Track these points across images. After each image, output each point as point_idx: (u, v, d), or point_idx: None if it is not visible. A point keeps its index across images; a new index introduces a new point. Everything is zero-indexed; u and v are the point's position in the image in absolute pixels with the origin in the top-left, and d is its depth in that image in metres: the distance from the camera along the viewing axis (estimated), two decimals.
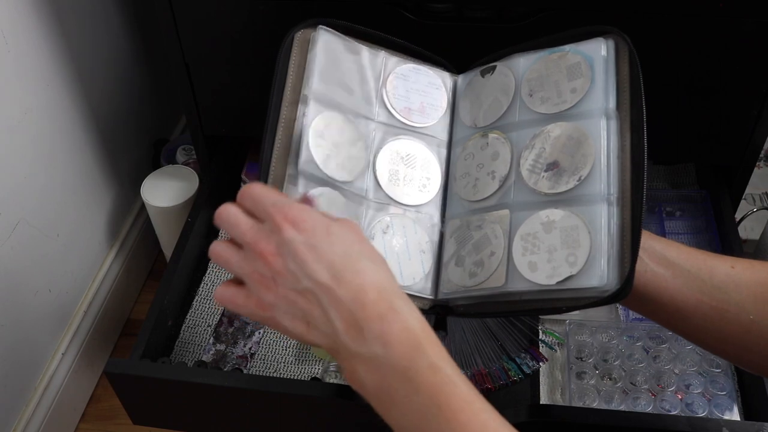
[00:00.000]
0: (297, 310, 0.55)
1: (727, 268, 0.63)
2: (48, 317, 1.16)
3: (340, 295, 0.53)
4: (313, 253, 0.54)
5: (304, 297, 0.55)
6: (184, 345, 1.01)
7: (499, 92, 0.74)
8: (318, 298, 0.54)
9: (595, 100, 0.67)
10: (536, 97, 0.71)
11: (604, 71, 0.67)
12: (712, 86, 0.94)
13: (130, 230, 1.37)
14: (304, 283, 0.54)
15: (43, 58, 1.09)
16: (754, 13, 0.87)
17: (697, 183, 1.18)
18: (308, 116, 0.70)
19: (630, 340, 0.97)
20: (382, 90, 0.76)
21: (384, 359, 0.52)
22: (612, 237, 0.63)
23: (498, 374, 0.92)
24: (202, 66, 1.03)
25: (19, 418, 1.11)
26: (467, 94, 0.78)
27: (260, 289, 0.56)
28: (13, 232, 1.05)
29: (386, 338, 0.52)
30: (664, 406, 0.90)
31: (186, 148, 1.36)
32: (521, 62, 0.74)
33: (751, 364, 0.66)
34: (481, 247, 0.69)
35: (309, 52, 0.73)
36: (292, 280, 0.55)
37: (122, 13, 1.29)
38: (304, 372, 0.98)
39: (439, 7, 0.92)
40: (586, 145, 0.65)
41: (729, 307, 0.62)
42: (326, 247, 0.54)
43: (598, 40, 0.69)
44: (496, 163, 0.71)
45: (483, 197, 0.71)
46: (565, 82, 0.69)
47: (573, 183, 0.65)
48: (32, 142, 1.08)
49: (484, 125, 0.74)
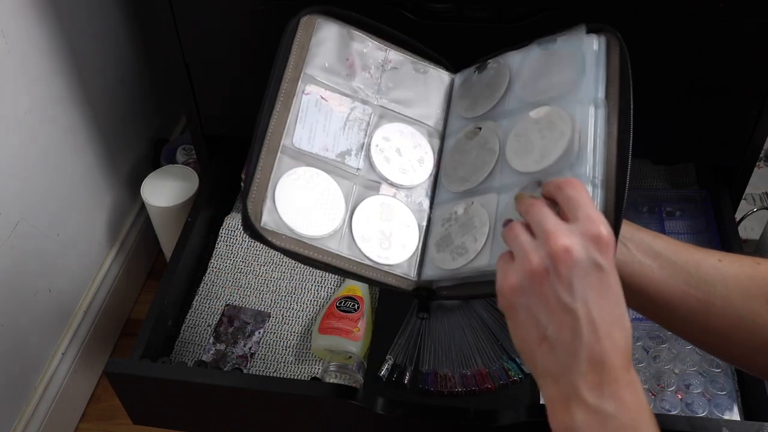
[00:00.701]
0: (543, 317, 0.53)
1: (714, 262, 0.63)
2: (48, 317, 1.16)
3: (603, 343, 0.52)
4: (601, 287, 0.53)
5: (565, 313, 0.52)
6: (184, 345, 1.01)
7: (493, 85, 0.76)
8: (578, 326, 0.52)
9: (585, 90, 0.68)
10: (528, 88, 0.72)
11: (595, 64, 0.69)
12: (712, 86, 0.94)
13: (130, 230, 1.37)
14: (577, 305, 0.52)
15: (43, 58, 1.09)
16: (754, 13, 0.87)
17: (697, 183, 1.18)
18: (305, 95, 0.73)
19: None
20: (381, 79, 0.77)
21: (611, 417, 0.51)
22: None
23: (498, 374, 0.92)
24: (202, 66, 1.04)
25: (19, 418, 1.11)
26: (461, 90, 0.80)
27: (525, 272, 0.54)
28: (13, 232, 1.05)
29: (622, 402, 0.51)
30: (664, 406, 0.90)
31: (186, 148, 1.36)
32: (516, 58, 0.76)
33: (736, 358, 0.66)
34: (466, 230, 0.70)
35: (313, 36, 0.75)
36: (564, 291, 0.52)
37: (122, 13, 1.29)
38: (304, 372, 0.98)
39: (439, 7, 0.92)
40: (562, 123, 0.66)
41: (715, 300, 0.62)
42: (614, 292, 0.53)
43: (591, 36, 0.70)
44: (485, 150, 0.73)
45: (472, 185, 0.72)
46: (557, 73, 0.71)
47: (553, 159, 0.65)
48: (32, 142, 1.08)
49: (475, 115, 0.76)
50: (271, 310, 1.05)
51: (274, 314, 1.04)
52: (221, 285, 1.08)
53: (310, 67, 0.74)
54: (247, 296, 1.07)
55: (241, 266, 1.10)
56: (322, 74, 0.75)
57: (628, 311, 0.55)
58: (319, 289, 1.07)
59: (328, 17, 0.76)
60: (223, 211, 1.18)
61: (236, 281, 1.08)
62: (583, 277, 0.52)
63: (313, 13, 0.76)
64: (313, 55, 0.75)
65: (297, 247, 0.68)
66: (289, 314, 1.04)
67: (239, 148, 1.22)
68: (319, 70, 0.75)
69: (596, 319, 0.52)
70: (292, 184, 0.70)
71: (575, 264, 0.52)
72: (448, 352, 0.95)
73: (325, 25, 0.76)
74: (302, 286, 1.07)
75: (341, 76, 0.76)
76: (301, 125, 0.72)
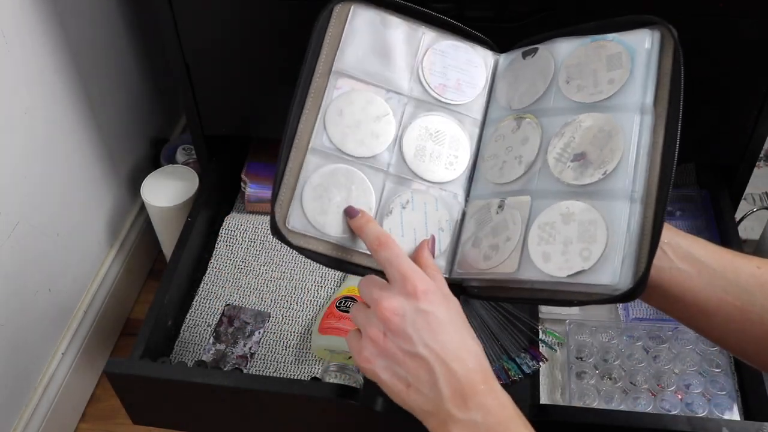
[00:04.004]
0: (400, 370, 0.61)
1: (753, 269, 0.63)
2: (48, 317, 1.16)
3: (455, 369, 0.59)
4: (431, 326, 0.60)
5: (414, 361, 0.60)
6: (184, 345, 1.01)
7: (537, 75, 0.73)
8: (430, 366, 0.59)
9: (632, 94, 0.65)
10: (573, 84, 0.70)
11: (645, 64, 0.66)
12: (712, 86, 0.94)
13: (130, 230, 1.37)
14: (419, 350, 0.60)
15: (43, 58, 1.08)
16: (754, 13, 0.87)
17: (697, 183, 1.18)
18: (334, 91, 0.71)
19: (630, 340, 0.97)
20: (419, 65, 0.74)
21: (480, 424, 0.58)
22: (631, 235, 0.61)
23: (498, 374, 0.92)
24: (202, 66, 1.03)
25: (19, 418, 1.11)
26: (506, 75, 0.76)
27: (370, 343, 0.62)
28: (13, 232, 1.05)
29: (486, 409, 0.58)
30: (664, 406, 0.90)
31: (186, 148, 1.36)
32: (563, 47, 0.72)
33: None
34: (499, 231, 0.68)
35: (345, 25, 0.72)
36: (405, 343, 0.60)
37: (122, 13, 1.29)
38: (304, 372, 0.98)
39: (439, 7, 0.92)
40: (616, 139, 0.64)
41: (753, 308, 0.61)
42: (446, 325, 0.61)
43: (644, 31, 0.67)
44: (525, 147, 0.70)
45: (507, 181, 0.70)
46: (604, 71, 0.68)
47: (598, 176, 0.64)
48: (32, 141, 1.08)
49: (519, 108, 0.73)
50: (271, 310, 1.05)
51: (274, 314, 1.04)
52: (221, 285, 1.08)
53: (343, 59, 0.72)
54: (247, 296, 1.07)
55: (241, 266, 1.10)
56: (355, 66, 0.72)
57: (628, 311, 0.55)
58: (319, 289, 1.07)
59: (362, 3, 0.73)
60: (223, 211, 1.18)
61: (236, 281, 1.08)
62: (413, 324, 0.60)
63: (346, 0, 0.72)
64: (346, 45, 0.72)
65: (324, 248, 0.68)
66: (289, 314, 1.04)
67: (239, 148, 1.23)
68: (352, 61, 0.72)
69: (440, 352, 0.59)
70: (321, 184, 0.69)
71: (402, 318, 0.60)
72: None
73: (356, 12, 0.73)
74: (302, 286, 1.07)
75: (375, 66, 0.73)
76: (333, 122, 0.70)
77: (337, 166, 0.70)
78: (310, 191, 0.68)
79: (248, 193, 1.16)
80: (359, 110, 0.71)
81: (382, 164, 0.71)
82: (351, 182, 0.70)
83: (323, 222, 0.68)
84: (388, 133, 0.72)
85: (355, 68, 0.72)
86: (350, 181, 0.70)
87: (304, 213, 0.68)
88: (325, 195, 0.69)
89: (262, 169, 1.19)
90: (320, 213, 0.68)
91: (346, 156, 0.70)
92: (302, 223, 0.68)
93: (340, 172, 0.70)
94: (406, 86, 0.74)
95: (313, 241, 0.68)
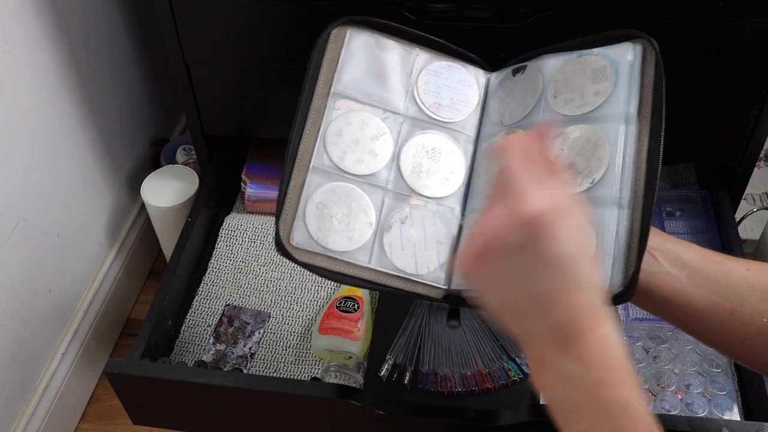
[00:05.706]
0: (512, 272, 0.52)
1: (743, 271, 0.63)
2: (48, 317, 1.16)
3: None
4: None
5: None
6: (184, 345, 1.01)
7: (526, 92, 0.75)
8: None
9: (617, 104, 0.67)
10: (560, 98, 0.72)
11: (629, 76, 0.68)
12: (712, 86, 0.94)
13: (130, 230, 1.37)
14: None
15: (42, 58, 1.08)
16: (754, 13, 0.87)
17: (697, 183, 1.18)
18: (333, 112, 0.73)
19: (630, 340, 0.97)
20: (414, 85, 0.77)
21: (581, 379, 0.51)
22: (619, 240, 0.63)
23: (498, 374, 0.92)
24: (202, 66, 1.04)
25: (19, 418, 1.11)
26: (497, 92, 0.78)
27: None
28: (13, 232, 1.05)
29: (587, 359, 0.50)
30: (664, 406, 0.90)
31: (186, 148, 1.36)
32: (551, 63, 0.74)
33: (763, 367, 0.66)
34: None
35: (343, 48, 0.75)
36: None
37: (122, 13, 1.29)
38: (304, 372, 0.98)
39: (439, 7, 0.92)
40: (602, 148, 0.66)
41: (743, 309, 0.62)
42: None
43: (626, 45, 0.69)
44: None
45: None
46: (590, 84, 0.70)
47: (586, 185, 0.65)
48: (32, 142, 1.08)
49: (510, 123, 0.75)
50: (271, 310, 1.05)
51: (274, 314, 1.04)
52: (221, 285, 1.08)
53: (341, 81, 0.74)
54: (247, 296, 1.07)
55: (241, 266, 1.10)
56: (353, 87, 0.74)
57: (628, 311, 0.55)
58: (319, 289, 1.07)
59: (358, 27, 0.76)
60: (223, 211, 1.18)
61: (236, 281, 1.08)
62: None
63: (342, 25, 0.75)
64: (343, 68, 0.74)
65: (327, 263, 0.69)
66: (289, 314, 1.04)
67: (239, 148, 1.23)
68: (350, 83, 0.74)
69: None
70: (322, 202, 0.70)
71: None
72: (448, 352, 0.95)
73: (352, 36, 0.75)
74: (302, 286, 1.07)
75: (372, 87, 0.75)
76: (332, 142, 0.72)
77: (338, 184, 0.72)
78: (313, 208, 0.70)
79: (248, 193, 1.16)
80: (357, 130, 0.74)
81: (381, 181, 0.73)
82: (351, 199, 0.72)
83: (325, 238, 0.69)
84: (386, 152, 0.74)
85: (352, 89, 0.74)
86: (350, 198, 0.72)
87: (307, 230, 0.69)
88: (326, 212, 0.70)
89: (262, 169, 1.19)
90: (322, 229, 0.70)
91: (346, 174, 0.72)
92: (305, 239, 0.69)
93: (341, 189, 0.72)
94: (401, 106, 0.76)
95: (315, 256, 0.69)
